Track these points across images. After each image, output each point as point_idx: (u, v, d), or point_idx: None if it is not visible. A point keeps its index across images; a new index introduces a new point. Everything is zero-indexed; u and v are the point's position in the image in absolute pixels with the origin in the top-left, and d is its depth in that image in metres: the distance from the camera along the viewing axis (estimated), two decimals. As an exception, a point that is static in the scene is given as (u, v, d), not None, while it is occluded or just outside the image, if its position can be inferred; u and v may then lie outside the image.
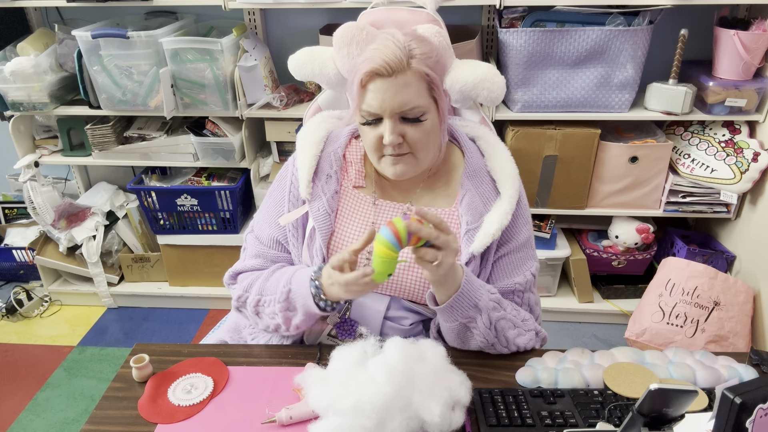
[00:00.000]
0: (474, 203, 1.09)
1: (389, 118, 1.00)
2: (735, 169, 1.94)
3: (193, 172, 2.36)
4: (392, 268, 0.92)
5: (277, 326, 1.10)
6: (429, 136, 1.04)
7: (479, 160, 1.15)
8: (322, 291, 1.03)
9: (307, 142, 1.15)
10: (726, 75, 1.92)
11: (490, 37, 2.17)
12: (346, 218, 1.12)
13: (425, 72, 1.00)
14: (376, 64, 0.97)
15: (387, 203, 1.13)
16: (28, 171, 2.29)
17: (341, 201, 1.13)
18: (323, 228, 1.09)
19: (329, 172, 1.12)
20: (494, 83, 1.26)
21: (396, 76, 0.98)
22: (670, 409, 0.74)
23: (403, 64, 0.98)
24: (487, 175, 1.13)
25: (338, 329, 1.12)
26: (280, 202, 1.16)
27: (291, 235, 1.14)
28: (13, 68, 2.05)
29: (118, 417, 0.97)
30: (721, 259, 2.10)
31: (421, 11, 1.29)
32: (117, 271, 2.49)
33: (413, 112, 1.00)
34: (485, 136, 1.19)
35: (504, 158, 1.15)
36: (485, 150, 1.16)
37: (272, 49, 2.22)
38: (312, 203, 1.10)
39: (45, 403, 2.02)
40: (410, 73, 0.99)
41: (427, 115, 1.02)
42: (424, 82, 1.01)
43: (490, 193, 1.11)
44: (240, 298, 1.14)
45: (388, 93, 0.98)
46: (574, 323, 2.35)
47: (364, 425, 0.84)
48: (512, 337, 1.06)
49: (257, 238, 1.18)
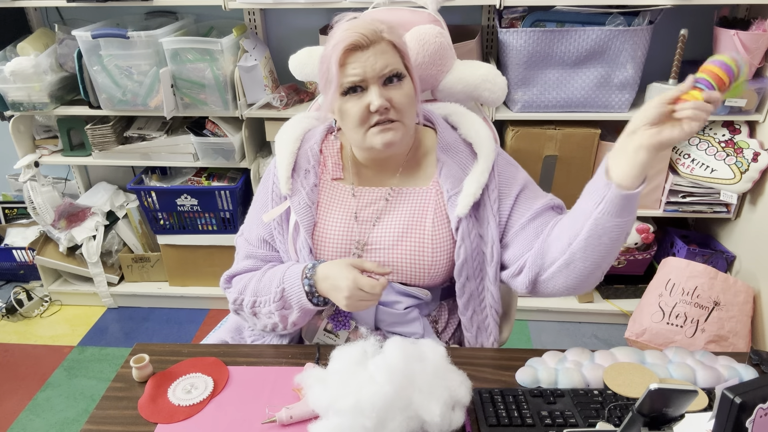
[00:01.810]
0: (452, 171, 1.12)
1: (374, 84, 1.02)
2: (735, 169, 1.94)
3: (193, 172, 2.36)
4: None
5: (275, 325, 1.12)
6: (411, 101, 1.06)
7: (452, 134, 1.17)
8: (315, 289, 1.05)
9: (284, 140, 1.19)
10: (726, 75, 1.91)
11: (490, 37, 2.17)
12: (327, 210, 1.14)
13: (397, 42, 1.05)
14: (353, 38, 1.01)
15: (366, 190, 1.15)
16: (28, 171, 2.29)
17: (321, 194, 1.15)
18: (305, 220, 1.11)
19: (307, 167, 1.15)
20: (496, 84, 1.26)
21: (373, 46, 1.02)
22: (670, 409, 0.74)
23: (378, 34, 1.02)
24: (462, 143, 1.16)
25: (332, 321, 1.13)
26: (265, 202, 1.19)
27: (277, 233, 1.16)
28: (13, 68, 2.05)
29: (118, 417, 0.97)
30: (721, 259, 2.10)
31: (422, 11, 1.29)
32: (117, 271, 2.49)
33: (395, 71, 1.03)
34: (456, 111, 1.21)
35: (477, 123, 1.17)
36: (457, 122, 1.19)
37: (272, 49, 2.22)
38: (293, 198, 1.13)
39: (45, 403, 2.02)
40: (384, 42, 1.03)
41: (406, 77, 1.06)
42: (397, 52, 1.05)
43: (468, 158, 1.14)
44: (236, 301, 1.16)
45: (369, 61, 1.01)
46: (574, 323, 2.35)
47: (364, 425, 0.84)
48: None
49: (246, 240, 1.21)
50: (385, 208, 1.13)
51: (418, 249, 1.10)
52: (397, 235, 1.10)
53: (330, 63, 1.03)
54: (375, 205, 1.14)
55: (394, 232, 1.11)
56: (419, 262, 1.10)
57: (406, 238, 1.10)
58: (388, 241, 1.11)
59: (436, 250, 1.10)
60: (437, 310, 1.19)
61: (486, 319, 1.16)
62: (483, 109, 1.41)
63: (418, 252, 1.10)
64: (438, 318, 1.19)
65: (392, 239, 1.11)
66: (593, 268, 1.00)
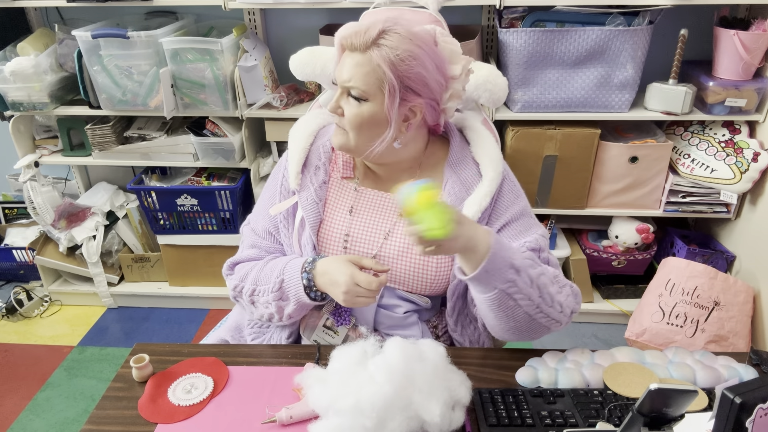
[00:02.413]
0: (454, 190, 1.11)
1: (339, 88, 1.04)
2: (735, 169, 1.94)
3: (193, 172, 2.36)
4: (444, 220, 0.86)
5: (270, 315, 1.13)
6: (363, 122, 1.02)
7: (464, 149, 1.16)
8: (313, 283, 1.06)
9: (298, 135, 1.19)
10: (726, 75, 1.92)
11: (490, 37, 2.17)
12: (334, 207, 1.14)
13: (378, 63, 0.98)
14: (343, 35, 1.02)
15: (368, 191, 1.16)
16: (28, 171, 2.29)
17: (329, 191, 1.16)
18: (311, 217, 1.12)
19: (317, 164, 1.16)
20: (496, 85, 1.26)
21: (355, 53, 1.01)
22: (670, 409, 0.74)
23: (362, 46, 1.00)
24: (471, 161, 1.14)
25: (333, 316, 1.13)
26: (273, 194, 1.19)
27: (282, 226, 1.16)
28: (13, 68, 2.05)
29: (118, 417, 0.97)
30: (721, 259, 2.10)
31: (423, 12, 1.29)
32: (117, 271, 2.49)
33: (354, 91, 1.02)
34: (472, 126, 1.20)
35: (488, 143, 1.16)
36: (471, 138, 1.18)
37: (272, 49, 2.22)
38: (301, 193, 1.13)
39: (45, 403, 2.02)
40: (366, 57, 0.99)
41: (369, 102, 1.01)
42: (374, 73, 0.99)
43: (474, 177, 1.12)
44: (236, 287, 1.16)
45: (345, 66, 1.02)
46: (574, 323, 2.35)
47: (364, 425, 0.84)
48: (554, 293, 1.00)
49: (253, 230, 1.21)
50: (387, 216, 1.13)
51: (423, 261, 1.10)
52: (404, 246, 1.11)
53: (336, 46, 1.05)
54: (373, 205, 1.14)
55: (401, 243, 1.11)
56: (423, 274, 1.10)
57: (412, 250, 1.10)
58: (395, 252, 1.11)
59: (440, 264, 1.10)
60: (437, 316, 1.19)
61: (475, 332, 1.17)
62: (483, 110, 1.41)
63: (423, 264, 1.10)
64: (438, 323, 1.19)
65: (399, 250, 1.11)
66: (530, 312, 0.98)
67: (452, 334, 1.16)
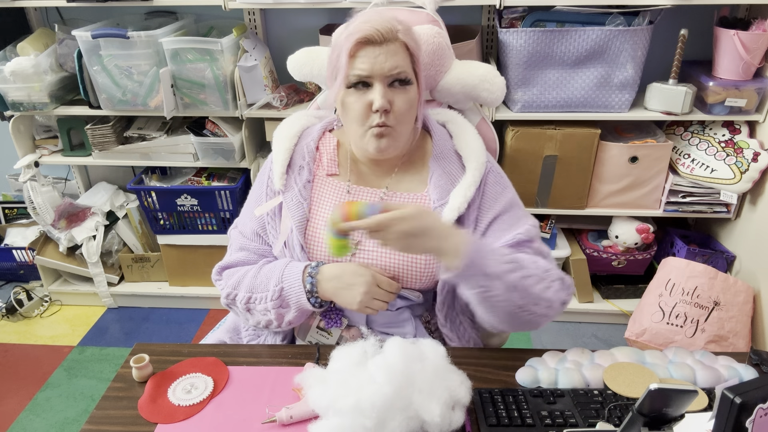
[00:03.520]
0: (440, 182, 1.12)
1: (380, 83, 1.02)
2: (735, 169, 1.94)
3: (193, 172, 2.36)
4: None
5: (269, 322, 1.12)
6: (411, 108, 1.06)
7: (447, 142, 1.17)
8: (316, 288, 1.05)
9: (282, 136, 1.19)
10: (726, 75, 1.92)
11: (490, 37, 2.17)
12: (321, 206, 1.14)
13: (411, 44, 1.04)
14: (368, 32, 1.00)
15: (361, 189, 1.15)
16: (28, 171, 2.29)
17: (315, 190, 1.15)
18: (296, 216, 1.12)
19: (301, 164, 1.16)
20: (494, 84, 1.26)
21: (386, 44, 1.01)
22: (670, 409, 0.74)
23: (394, 33, 1.02)
24: (454, 154, 1.16)
25: (324, 318, 1.13)
26: (259, 196, 1.20)
27: (270, 227, 1.16)
28: (13, 68, 2.05)
29: (118, 417, 0.97)
30: (721, 259, 2.10)
31: (421, 11, 1.29)
32: (117, 271, 2.49)
33: (402, 75, 1.03)
34: (454, 119, 1.21)
35: (470, 135, 1.17)
36: (453, 131, 1.19)
37: (272, 49, 2.22)
38: (285, 194, 1.14)
39: (45, 403, 2.02)
40: (398, 43, 1.03)
41: (413, 85, 1.06)
42: (408, 55, 1.05)
43: (457, 170, 1.14)
44: (229, 296, 1.16)
45: (379, 58, 1.01)
46: (574, 323, 2.35)
47: (364, 425, 0.84)
48: (540, 292, 1.01)
49: (241, 233, 1.22)
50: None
51: (412, 255, 1.09)
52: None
53: (341, 52, 1.03)
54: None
55: None
56: (412, 268, 1.10)
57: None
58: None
59: (428, 258, 1.09)
60: (429, 312, 1.19)
61: (463, 329, 1.17)
62: (483, 110, 1.41)
63: (412, 258, 1.10)
64: (430, 318, 1.19)
65: None
66: (514, 310, 1.00)
67: (442, 329, 1.15)
